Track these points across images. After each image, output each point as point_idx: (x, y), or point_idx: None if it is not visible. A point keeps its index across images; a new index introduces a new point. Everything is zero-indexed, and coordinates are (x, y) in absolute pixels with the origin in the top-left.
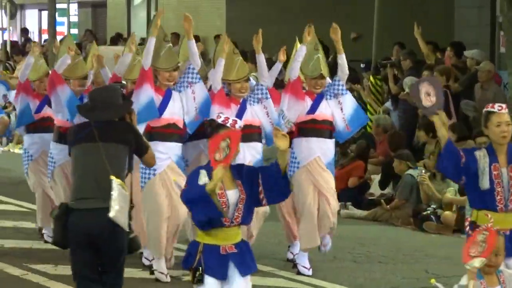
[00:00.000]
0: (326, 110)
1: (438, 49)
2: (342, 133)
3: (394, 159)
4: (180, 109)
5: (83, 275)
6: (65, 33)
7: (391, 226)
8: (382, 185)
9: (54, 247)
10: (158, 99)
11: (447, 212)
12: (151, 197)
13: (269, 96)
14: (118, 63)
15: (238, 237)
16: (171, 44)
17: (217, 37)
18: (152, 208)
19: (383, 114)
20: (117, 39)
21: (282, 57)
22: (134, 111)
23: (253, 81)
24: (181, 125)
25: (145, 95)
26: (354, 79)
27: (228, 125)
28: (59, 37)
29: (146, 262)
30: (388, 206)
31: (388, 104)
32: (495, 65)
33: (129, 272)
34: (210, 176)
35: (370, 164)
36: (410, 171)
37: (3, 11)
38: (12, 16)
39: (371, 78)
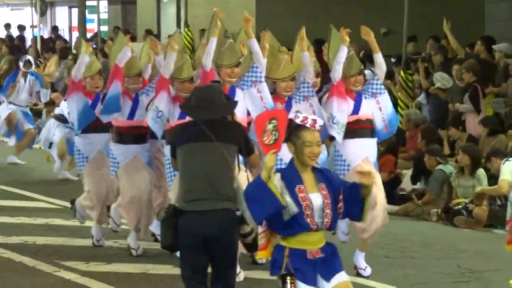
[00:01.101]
0: (367, 109)
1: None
2: (381, 133)
3: (425, 154)
4: (244, 107)
5: (190, 277)
6: (95, 30)
7: (422, 221)
8: (414, 180)
9: (86, 243)
10: None
11: (478, 207)
12: None
13: (315, 94)
14: (164, 65)
15: (323, 241)
16: (232, 40)
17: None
18: None
19: (415, 108)
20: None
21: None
22: (235, 112)
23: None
24: (245, 124)
25: None
26: (387, 74)
27: (307, 125)
28: (88, 34)
29: None
30: (419, 201)
31: (420, 98)
32: None
33: (163, 269)
34: (291, 177)
35: (401, 159)
36: (441, 166)
37: (33, 8)
38: (42, 14)
39: (402, 72)
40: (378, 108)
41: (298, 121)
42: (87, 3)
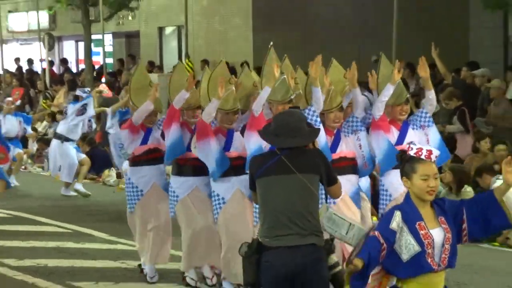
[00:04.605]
0: (413, 139)
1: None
2: None
3: None
4: None
5: None
6: (101, 63)
7: None
8: None
9: (95, 265)
10: None
11: None
12: None
13: (363, 128)
14: (206, 112)
15: (442, 283)
16: (285, 76)
17: (244, 63)
18: None
19: None
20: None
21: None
22: (317, 140)
23: None
24: None
25: (255, 142)
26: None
27: (422, 156)
28: (96, 66)
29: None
30: None
31: None
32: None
33: None
34: (410, 214)
35: None
36: None
37: (41, 43)
38: (50, 48)
39: None
40: (426, 140)
41: (412, 152)
42: (93, 37)
